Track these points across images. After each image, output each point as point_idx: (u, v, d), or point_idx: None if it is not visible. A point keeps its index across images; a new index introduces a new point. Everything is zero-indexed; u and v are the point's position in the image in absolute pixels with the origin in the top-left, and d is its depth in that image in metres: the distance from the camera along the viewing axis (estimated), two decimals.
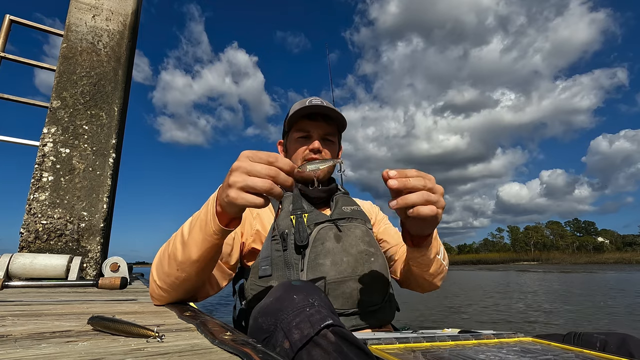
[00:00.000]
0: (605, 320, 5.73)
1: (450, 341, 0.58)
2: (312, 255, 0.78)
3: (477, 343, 0.58)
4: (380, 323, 0.82)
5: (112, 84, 2.44)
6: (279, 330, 0.47)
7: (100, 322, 0.45)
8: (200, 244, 0.64)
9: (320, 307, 0.49)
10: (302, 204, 0.88)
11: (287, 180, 0.54)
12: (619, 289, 11.79)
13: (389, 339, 0.55)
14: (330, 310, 0.51)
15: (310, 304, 0.49)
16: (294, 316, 0.47)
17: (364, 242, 0.85)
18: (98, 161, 2.28)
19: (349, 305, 0.77)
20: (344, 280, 0.77)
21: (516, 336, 0.64)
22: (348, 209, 0.92)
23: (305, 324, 0.46)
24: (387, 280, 0.86)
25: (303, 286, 0.54)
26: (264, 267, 0.80)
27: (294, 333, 0.45)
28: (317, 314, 0.47)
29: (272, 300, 0.53)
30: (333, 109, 0.92)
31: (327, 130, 0.94)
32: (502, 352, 0.52)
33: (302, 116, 0.93)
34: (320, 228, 0.83)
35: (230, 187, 0.54)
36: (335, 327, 0.45)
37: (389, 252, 1.00)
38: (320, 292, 0.55)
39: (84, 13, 2.47)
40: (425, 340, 0.57)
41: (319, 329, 0.45)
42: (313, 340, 0.44)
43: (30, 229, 2.03)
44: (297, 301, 0.49)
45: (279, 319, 0.48)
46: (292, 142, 0.96)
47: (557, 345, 0.57)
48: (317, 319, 0.46)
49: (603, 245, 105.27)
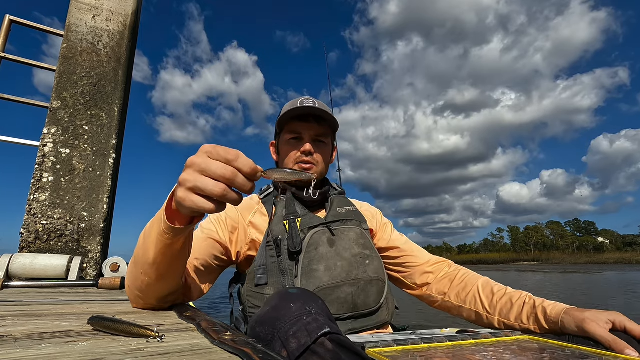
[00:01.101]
0: None
1: (447, 342, 0.58)
2: (305, 261, 0.78)
3: (475, 343, 0.58)
4: (377, 325, 0.81)
5: (112, 84, 2.44)
6: (277, 340, 0.47)
7: (100, 322, 0.45)
8: (154, 244, 0.57)
9: (317, 315, 0.49)
10: (296, 208, 0.86)
11: (246, 185, 0.47)
12: (618, 288, 11.79)
13: (387, 342, 0.55)
14: (327, 317, 0.51)
15: (307, 312, 0.49)
16: (291, 325, 0.47)
17: (358, 244, 0.84)
18: (98, 161, 2.28)
19: (345, 310, 0.76)
20: (338, 286, 0.76)
21: (513, 334, 0.64)
22: (343, 210, 0.91)
23: (302, 332, 0.45)
24: (383, 282, 0.84)
25: (300, 294, 0.54)
26: (259, 276, 0.80)
27: (292, 342, 0.45)
28: (314, 322, 0.47)
29: (269, 310, 0.52)
30: (324, 110, 0.89)
31: (319, 132, 0.92)
32: (499, 351, 0.53)
33: (293, 117, 0.90)
34: (314, 233, 0.82)
35: (180, 186, 0.48)
36: (332, 335, 0.45)
37: (400, 259, 0.97)
38: (317, 300, 0.54)
39: (84, 13, 2.47)
40: (423, 342, 0.57)
41: (316, 337, 0.44)
42: (310, 349, 0.44)
43: (30, 230, 2.03)
44: (294, 310, 0.49)
45: (276, 328, 0.48)
46: (283, 144, 0.94)
47: (554, 343, 0.58)
48: (314, 327, 0.46)
49: (603, 246, 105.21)
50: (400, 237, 1.02)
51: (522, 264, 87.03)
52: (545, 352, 0.52)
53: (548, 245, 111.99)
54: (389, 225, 1.05)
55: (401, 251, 0.97)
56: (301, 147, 0.90)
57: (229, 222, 0.86)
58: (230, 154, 0.47)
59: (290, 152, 0.91)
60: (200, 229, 0.85)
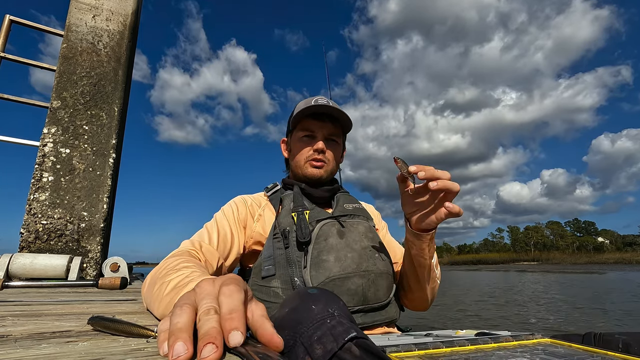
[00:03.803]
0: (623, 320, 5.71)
1: (469, 345, 0.56)
2: (315, 251, 0.77)
3: (497, 347, 0.57)
4: (386, 321, 0.81)
5: (112, 84, 2.44)
6: (299, 345, 0.43)
7: (100, 322, 0.45)
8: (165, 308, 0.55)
9: (340, 317, 0.45)
10: (303, 202, 0.87)
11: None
12: (619, 288, 11.78)
13: (407, 345, 0.53)
14: (350, 319, 0.47)
15: (330, 314, 0.45)
16: (314, 329, 0.43)
17: (367, 238, 0.84)
18: (98, 161, 2.28)
19: (355, 302, 0.75)
20: (349, 277, 0.75)
21: (534, 337, 0.62)
22: (350, 207, 0.92)
23: (327, 337, 0.42)
24: (392, 277, 0.84)
25: (321, 294, 0.50)
26: (267, 267, 0.79)
27: (317, 348, 0.41)
28: (340, 325, 0.43)
29: (288, 311, 0.48)
30: (339, 109, 0.90)
31: (332, 131, 0.93)
32: (526, 355, 0.50)
33: (307, 115, 0.91)
34: (323, 224, 0.81)
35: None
36: (359, 340, 0.42)
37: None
38: (339, 301, 0.50)
39: (84, 13, 2.47)
40: (445, 346, 0.54)
41: (342, 343, 0.41)
42: (337, 355, 0.40)
43: (30, 229, 2.03)
44: (316, 312, 0.46)
45: (298, 332, 0.44)
46: (296, 141, 0.95)
47: (579, 347, 0.55)
48: (339, 331, 0.42)
49: (603, 246, 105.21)
50: (392, 240, 1.06)
51: (522, 264, 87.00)
52: (574, 358, 0.49)
53: (548, 245, 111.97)
54: (386, 227, 1.08)
55: (394, 256, 0.99)
56: (314, 145, 0.91)
57: (242, 217, 0.87)
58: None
59: (303, 148, 0.93)
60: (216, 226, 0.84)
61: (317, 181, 0.93)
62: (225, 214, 0.88)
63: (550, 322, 5.78)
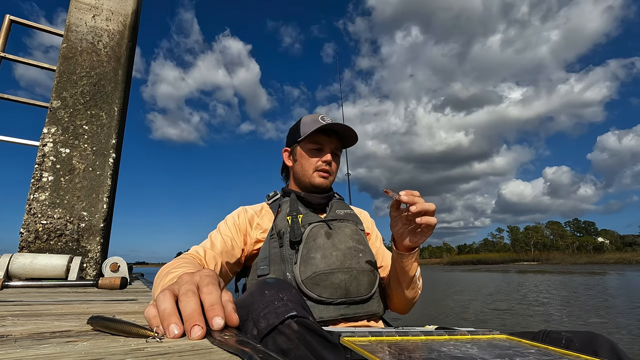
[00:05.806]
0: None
1: (422, 336, 0.59)
2: (304, 250, 0.87)
3: (449, 339, 0.59)
4: (368, 314, 0.88)
5: (112, 84, 2.44)
6: (250, 320, 0.53)
7: (100, 322, 0.45)
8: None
9: (288, 301, 0.55)
10: (298, 207, 0.98)
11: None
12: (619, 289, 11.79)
13: (363, 333, 0.57)
14: (300, 305, 0.57)
15: (279, 298, 0.55)
16: (262, 308, 0.54)
17: (352, 239, 0.94)
18: (98, 161, 2.28)
19: (338, 295, 0.83)
20: (333, 272, 0.85)
21: (490, 333, 0.65)
22: (341, 212, 1.02)
23: (271, 314, 0.52)
24: (375, 275, 0.92)
25: (275, 283, 0.60)
26: (262, 267, 0.89)
27: (261, 322, 0.52)
28: (284, 307, 0.53)
29: (248, 295, 0.59)
30: (349, 127, 1.02)
31: (337, 146, 1.06)
32: (466, 346, 0.53)
33: (318, 130, 1.02)
34: (313, 226, 0.92)
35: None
36: (299, 318, 0.52)
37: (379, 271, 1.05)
38: (291, 289, 0.60)
39: (84, 13, 2.47)
40: (398, 335, 0.58)
41: (282, 319, 0.51)
42: (277, 328, 0.51)
43: (30, 229, 2.03)
44: (267, 296, 0.56)
45: (250, 310, 0.54)
46: (305, 152, 1.05)
47: (525, 342, 0.58)
48: (282, 310, 0.53)
49: (603, 246, 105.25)
50: (383, 248, 1.14)
51: (522, 264, 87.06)
52: (510, 350, 0.52)
53: (548, 245, 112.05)
54: (380, 237, 1.18)
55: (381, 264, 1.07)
56: (322, 157, 1.03)
57: (242, 226, 0.97)
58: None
59: (312, 159, 1.04)
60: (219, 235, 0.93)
61: (322, 189, 1.04)
62: (227, 223, 0.98)
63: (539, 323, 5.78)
